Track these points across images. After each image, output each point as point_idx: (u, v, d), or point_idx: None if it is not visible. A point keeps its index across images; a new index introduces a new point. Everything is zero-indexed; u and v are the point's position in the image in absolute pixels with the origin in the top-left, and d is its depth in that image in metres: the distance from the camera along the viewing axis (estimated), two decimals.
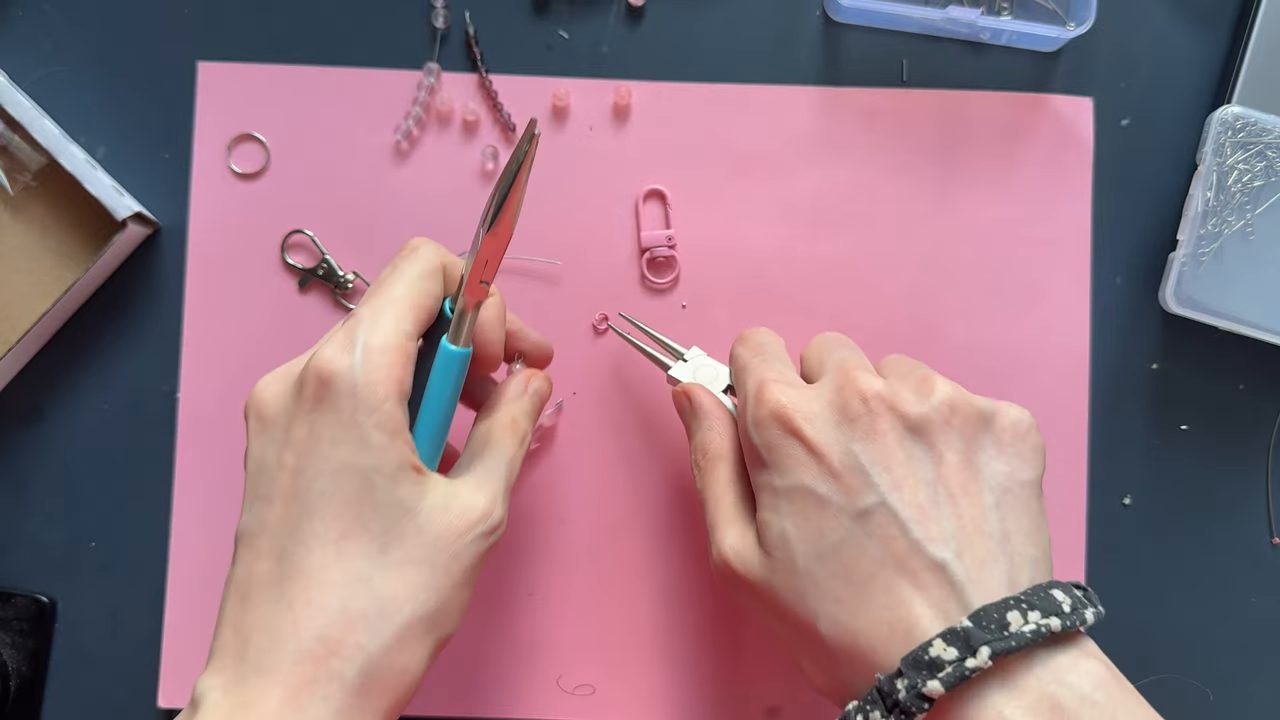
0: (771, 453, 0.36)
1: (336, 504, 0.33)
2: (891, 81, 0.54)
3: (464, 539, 0.35)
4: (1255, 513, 0.53)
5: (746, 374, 0.39)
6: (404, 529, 0.34)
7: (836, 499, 0.34)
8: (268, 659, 0.32)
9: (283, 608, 0.32)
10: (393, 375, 0.34)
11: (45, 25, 0.53)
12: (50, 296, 0.50)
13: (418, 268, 0.37)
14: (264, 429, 0.35)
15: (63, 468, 0.52)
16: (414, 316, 0.36)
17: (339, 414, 0.33)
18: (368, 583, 0.33)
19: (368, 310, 0.36)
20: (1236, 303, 0.51)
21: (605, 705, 0.52)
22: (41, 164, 0.51)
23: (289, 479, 0.34)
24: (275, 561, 0.33)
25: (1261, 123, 0.51)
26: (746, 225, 0.53)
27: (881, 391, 0.36)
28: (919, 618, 0.32)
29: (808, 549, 0.34)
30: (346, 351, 0.34)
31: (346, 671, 0.32)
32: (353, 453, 0.33)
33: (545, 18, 0.54)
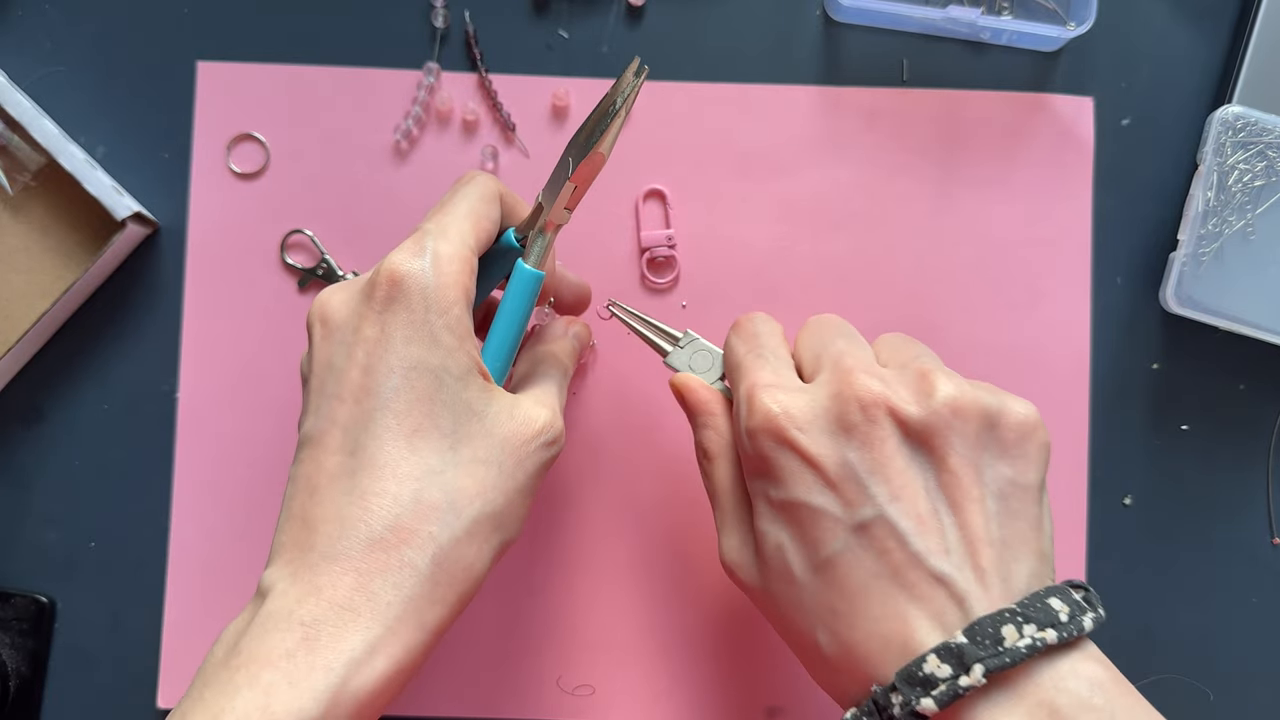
0: (765, 464, 0.35)
1: (409, 400, 0.34)
2: (892, 81, 0.54)
3: (528, 446, 0.36)
4: (1256, 513, 0.53)
5: (740, 374, 0.39)
6: (472, 430, 0.35)
7: (833, 510, 0.33)
8: (339, 545, 0.32)
9: (355, 498, 0.33)
10: (460, 281, 0.35)
11: (45, 25, 0.53)
12: (50, 296, 0.50)
13: (478, 191, 0.38)
14: (330, 333, 0.36)
15: (62, 467, 0.52)
16: (475, 234, 0.37)
17: (411, 313, 0.34)
18: (440, 475, 0.33)
19: (434, 224, 0.36)
20: (1237, 303, 0.51)
21: (605, 705, 0.52)
22: (41, 164, 0.51)
23: (360, 376, 0.34)
24: (347, 455, 0.34)
25: (1262, 122, 0.51)
26: (746, 225, 0.53)
27: (880, 395, 0.34)
28: (915, 630, 0.32)
29: (805, 561, 0.34)
30: (417, 256, 0.35)
31: (418, 560, 0.32)
32: (424, 351, 0.34)
33: (545, 17, 0.54)
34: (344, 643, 0.31)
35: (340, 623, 0.31)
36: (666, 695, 0.52)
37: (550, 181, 0.39)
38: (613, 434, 0.52)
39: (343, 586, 0.32)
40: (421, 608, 0.33)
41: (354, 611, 0.32)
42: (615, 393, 0.52)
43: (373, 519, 0.33)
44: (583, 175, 0.38)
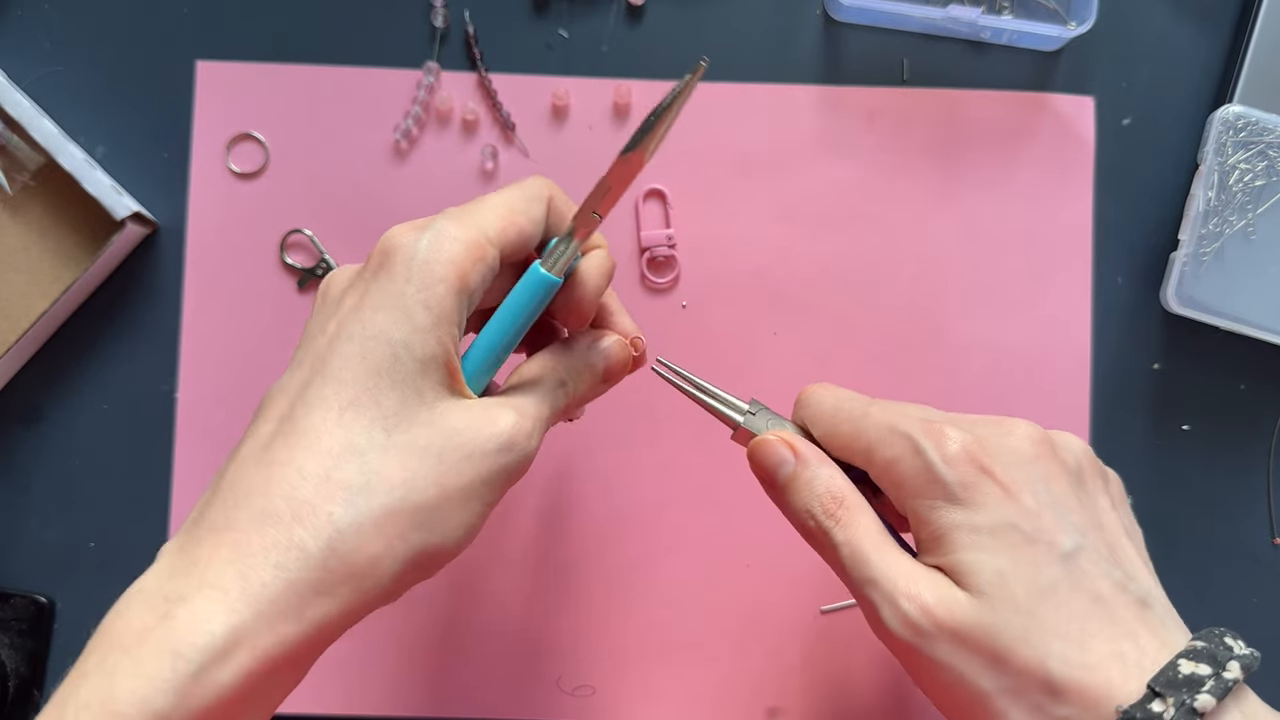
0: (968, 490, 0.34)
1: (355, 369, 0.31)
2: (892, 81, 0.54)
3: (483, 444, 0.31)
4: (1256, 513, 0.53)
5: (892, 417, 0.35)
6: (416, 415, 0.31)
7: (1043, 538, 0.33)
8: (228, 515, 0.29)
9: (262, 467, 0.30)
10: (455, 260, 0.32)
11: (44, 25, 0.53)
12: (49, 296, 0.50)
13: (521, 188, 0.35)
14: (323, 305, 0.34)
15: (61, 467, 0.52)
16: (500, 226, 0.33)
17: (391, 282, 0.32)
18: (362, 455, 0.30)
19: (455, 210, 0.34)
20: (1238, 303, 0.51)
21: (605, 706, 0.51)
22: (40, 163, 0.51)
23: (324, 343, 0.32)
24: (280, 420, 0.31)
25: (1263, 122, 0.51)
26: (747, 225, 0.53)
27: (1043, 435, 0.35)
28: (1145, 649, 0.32)
29: (1028, 587, 0.32)
30: (418, 229, 0.33)
31: (309, 542, 0.28)
32: (390, 322, 0.31)
33: (545, 17, 0.53)
34: (204, 624, 0.27)
35: (205, 602, 0.27)
36: (667, 696, 0.51)
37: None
38: (614, 435, 0.52)
39: (217, 560, 0.28)
40: (304, 597, 0.28)
41: (223, 590, 0.27)
42: (616, 394, 0.52)
43: (272, 489, 0.29)
44: (618, 176, 0.33)
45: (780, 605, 0.52)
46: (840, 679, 0.52)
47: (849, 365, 0.53)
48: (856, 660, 0.52)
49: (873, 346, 0.53)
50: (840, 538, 0.35)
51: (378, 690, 0.51)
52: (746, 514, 0.52)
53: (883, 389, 0.53)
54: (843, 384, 0.52)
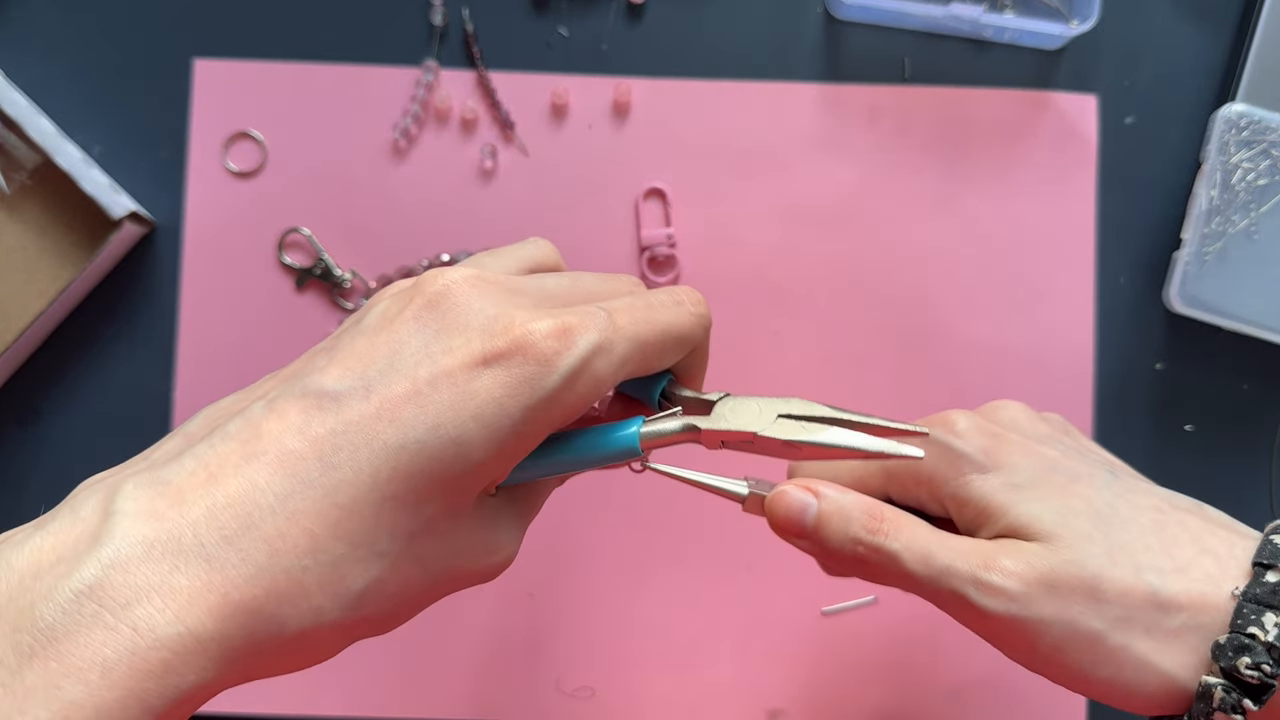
0: (992, 455, 0.34)
1: (420, 466, 0.26)
2: (893, 79, 0.54)
3: (468, 574, 0.30)
4: (1259, 513, 0.53)
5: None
6: (440, 529, 0.28)
7: (1081, 474, 0.33)
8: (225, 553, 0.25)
9: (283, 514, 0.26)
10: (572, 409, 0.28)
11: (42, 23, 0.53)
12: (46, 296, 0.50)
13: (683, 330, 0.31)
14: (432, 322, 0.28)
15: (59, 468, 0.52)
16: (636, 369, 0.30)
17: (509, 398, 0.27)
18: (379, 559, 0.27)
19: (609, 324, 0.28)
20: (1241, 302, 0.51)
21: (605, 707, 0.51)
22: (37, 162, 0.51)
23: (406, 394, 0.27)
24: (318, 458, 0.26)
25: (1265, 121, 0.51)
26: (747, 223, 0.53)
27: (1029, 409, 0.37)
28: (1227, 540, 0.32)
29: (1091, 518, 0.32)
30: (566, 348, 0.27)
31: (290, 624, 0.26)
32: (483, 441, 0.27)
33: (544, 15, 0.53)
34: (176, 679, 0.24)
35: (182, 651, 0.24)
36: (667, 697, 0.51)
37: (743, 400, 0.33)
38: None
39: (200, 609, 0.24)
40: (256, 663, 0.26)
41: (202, 645, 0.25)
42: None
43: (280, 552, 0.26)
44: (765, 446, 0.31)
45: (782, 606, 0.52)
46: (842, 680, 0.52)
47: (849, 365, 0.53)
48: (858, 661, 0.52)
49: (874, 346, 0.53)
50: (896, 545, 0.33)
51: (377, 691, 0.51)
52: (747, 515, 0.52)
53: (884, 388, 0.53)
54: (844, 384, 0.53)
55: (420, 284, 0.28)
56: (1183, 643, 0.31)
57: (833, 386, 0.53)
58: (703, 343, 0.33)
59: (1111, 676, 0.31)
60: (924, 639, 0.51)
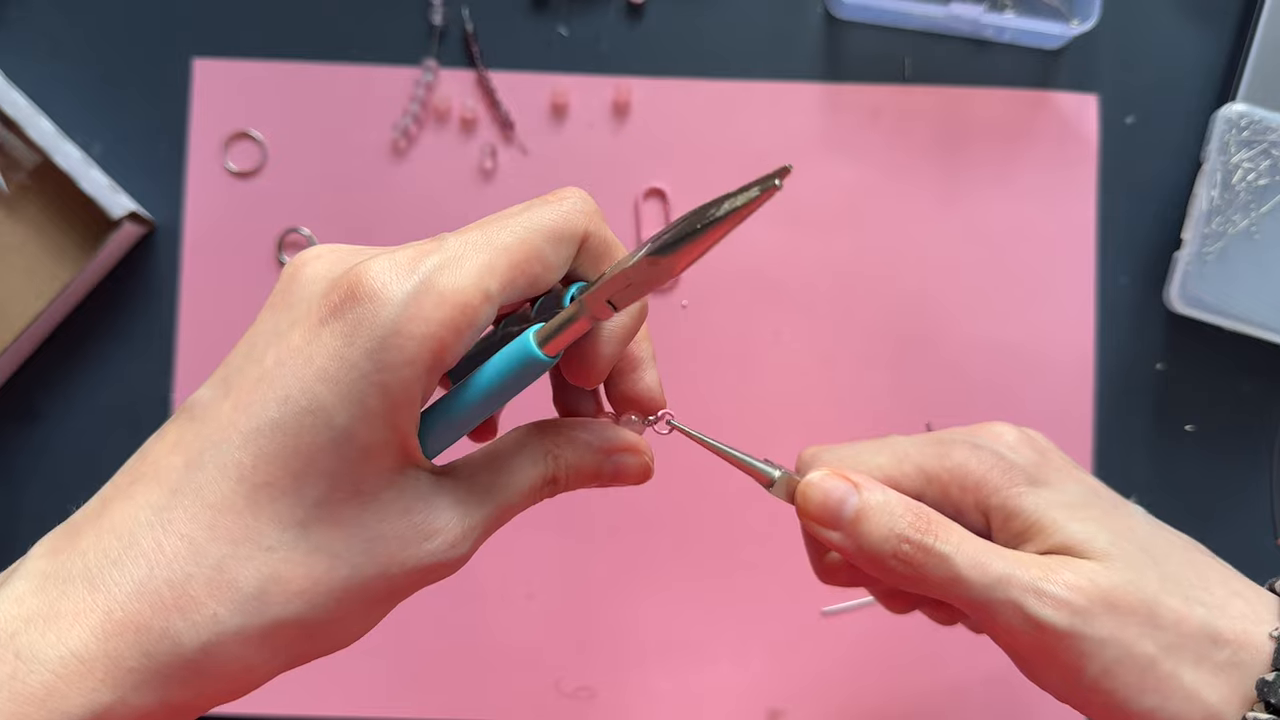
0: (1042, 470, 0.34)
1: (282, 442, 0.26)
2: (894, 79, 0.54)
3: (406, 560, 0.27)
4: (1259, 513, 0.53)
5: (927, 437, 0.35)
6: (342, 511, 0.26)
7: (1120, 502, 0.34)
8: (108, 573, 0.25)
9: (157, 524, 0.26)
10: (436, 335, 0.26)
11: (42, 23, 0.53)
12: (46, 296, 0.50)
13: (548, 219, 0.28)
14: (279, 304, 0.28)
15: (58, 468, 0.52)
16: (509, 277, 0.27)
17: (347, 346, 0.25)
18: (265, 553, 0.26)
19: (457, 242, 0.27)
20: (1241, 302, 0.51)
21: (605, 708, 0.51)
22: (37, 162, 0.51)
23: (255, 381, 0.26)
24: (185, 465, 0.26)
25: (1266, 121, 0.51)
26: (747, 223, 0.53)
27: None
28: (1246, 583, 0.33)
29: (1140, 545, 0.32)
30: (402, 275, 0.26)
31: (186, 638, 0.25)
32: (335, 400, 0.25)
33: (544, 14, 0.53)
34: (60, 702, 0.24)
35: (65, 673, 0.24)
36: (668, 698, 0.51)
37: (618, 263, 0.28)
38: None
39: (82, 628, 0.25)
40: (168, 684, 0.25)
41: (85, 665, 0.24)
42: None
43: (159, 564, 0.25)
44: (643, 277, 0.27)
45: (782, 606, 0.52)
46: (842, 680, 0.52)
47: (850, 365, 0.53)
48: (858, 661, 0.52)
49: (874, 346, 0.53)
50: (948, 548, 0.31)
51: (376, 692, 0.51)
52: (748, 514, 0.52)
53: (885, 389, 0.53)
54: (844, 384, 0.53)
55: (281, 274, 0.28)
56: (1226, 677, 0.31)
57: (833, 386, 0.53)
58: (593, 232, 0.29)
59: (1156, 707, 0.30)
60: (924, 639, 0.51)
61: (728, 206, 0.26)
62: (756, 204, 0.26)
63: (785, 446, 0.37)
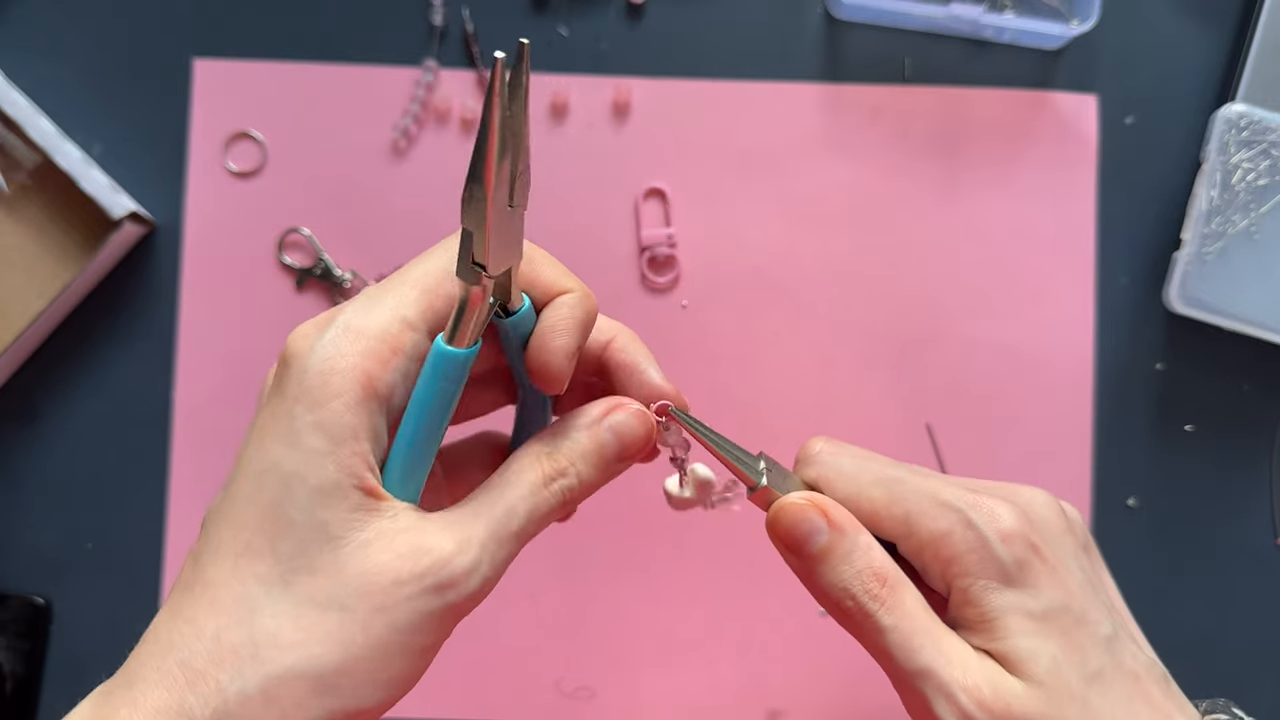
0: (1022, 571, 0.31)
1: (249, 509, 0.28)
2: (893, 80, 0.54)
3: (400, 589, 0.27)
4: (1259, 513, 0.53)
5: (932, 486, 0.32)
6: (318, 558, 0.27)
7: (1089, 620, 0.32)
8: (139, 671, 0.28)
9: (170, 615, 0.28)
10: (358, 366, 0.27)
11: (42, 23, 0.53)
12: (46, 296, 0.50)
13: (449, 246, 0.30)
14: (263, 399, 0.30)
15: (58, 469, 0.52)
16: (424, 302, 0.29)
17: (281, 402, 0.28)
18: (254, 614, 0.27)
19: (373, 289, 0.29)
20: (1241, 302, 0.51)
21: (605, 708, 0.51)
22: (37, 162, 0.51)
23: (235, 466, 0.29)
24: (193, 561, 0.29)
25: (1265, 121, 0.51)
26: (747, 223, 0.53)
27: (1060, 507, 0.34)
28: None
29: (1080, 673, 0.31)
30: (318, 328, 0.28)
31: (197, 712, 0.26)
32: (281, 451, 0.27)
33: (544, 14, 0.53)
34: None
35: None
36: (667, 698, 0.51)
37: None
38: None
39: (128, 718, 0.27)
40: None
41: None
42: None
43: (172, 647, 0.27)
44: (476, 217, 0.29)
45: (782, 606, 0.52)
46: (842, 680, 0.52)
47: (850, 365, 0.53)
48: (858, 661, 0.52)
49: (874, 346, 0.53)
50: (887, 622, 0.32)
51: None
52: (747, 514, 0.52)
53: (885, 388, 0.53)
54: (844, 384, 0.53)
55: None
56: None
57: (833, 386, 0.53)
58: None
59: None
60: None
61: (486, 100, 0.26)
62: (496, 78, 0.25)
63: (785, 446, 0.37)
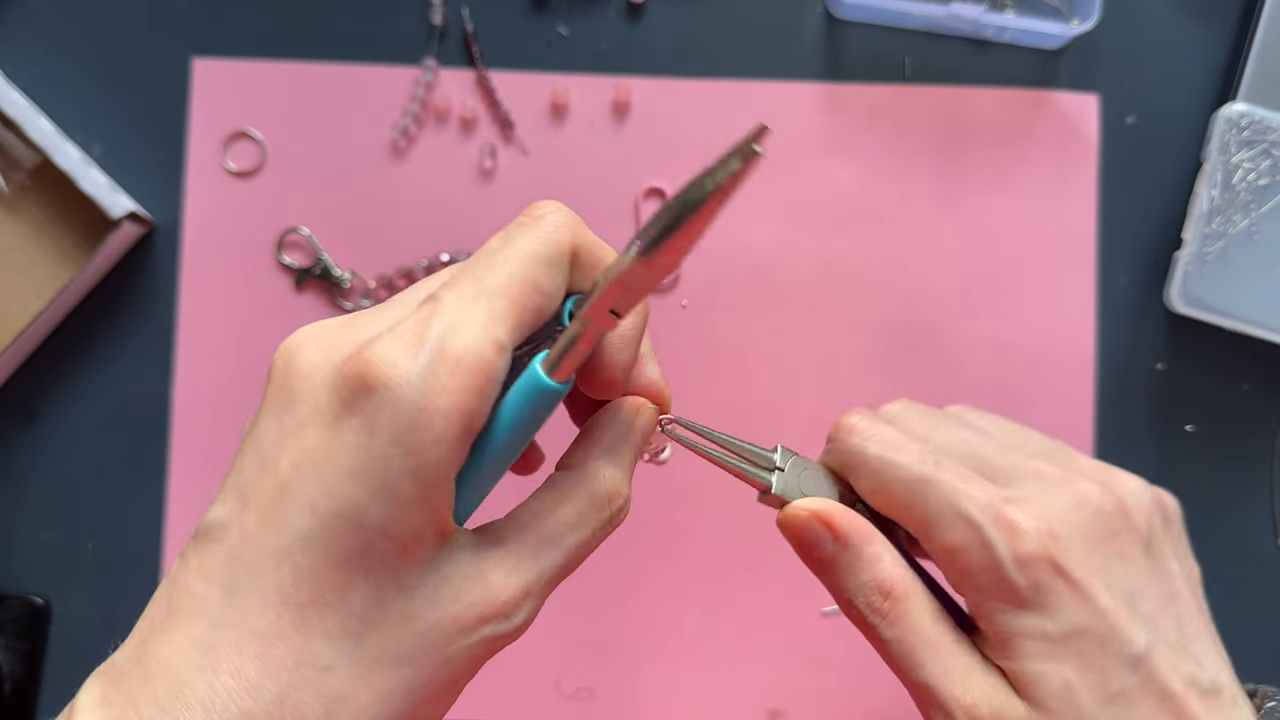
0: (1040, 594, 0.30)
1: (317, 555, 0.24)
2: (894, 79, 0.53)
3: (466, 637, 0.26)
4: (1260, 513, 0.53)
5: (954, 493, 0.31)
6: (391, 613, 0.25)
7: (1116, 639, 0.30)
8: (159, 708, 0.24)
9: (206, 661, 0.24)
10: (460, 404, 0.24)
11: (40, 23, 0.53)
12: (45, 296, 0.50)
13: (535, 246, 0.27)
14: (280, 402, 0.26)
15: (57, 468, 0.52)
16: (515, 318, 0.26)
17: (371, 438, 0.24)
18: (325, 673, 0.24)
19: (454, 297, 0.25)
20: (1242, 302, 0.51)
21: (605, 709, 0.51)
22: (36, 162, 0.51)
23: (275, 490, 0.25)
24: (222, 593, 0.25)
25: (1266, 120, 0.51)
26: (748, 223, 0.53)
27: (1118, 498, 0.31)
28: None
29: (1094, 696, 0.30)
30: (410, 353, 0.24)
31: None
32: (366, 497, 0.24)
33: (544, 14, 0.53)
34: None
35: None
36: (667, 698, 0.51)
37: (609, 268, 0.27)
38: None
39: None
40: None
41: None
42: None
43: (215, 708, 0.23)
44: (637, 280, 0.26)
45: (782, 606, 0.52)
46: (842, 680, 0.52)
47: (851, 365, 0.52)
48: (858, 661, 0.52)
49: (875, 346, 0.53)
50: (889, 635, 0.31)
51: None
52: (747, 515, 0.52)
53: (885, 388, 0.53)
54: (844, 384, 0.52)
55: (271, 365, 0.27)
56: None
57: (833, 386, 0.52)
58: (580, 244, 0.28)
59: None
60: None
61: (709, 184, 0.23)
62: (740, 177, 0.23)
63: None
